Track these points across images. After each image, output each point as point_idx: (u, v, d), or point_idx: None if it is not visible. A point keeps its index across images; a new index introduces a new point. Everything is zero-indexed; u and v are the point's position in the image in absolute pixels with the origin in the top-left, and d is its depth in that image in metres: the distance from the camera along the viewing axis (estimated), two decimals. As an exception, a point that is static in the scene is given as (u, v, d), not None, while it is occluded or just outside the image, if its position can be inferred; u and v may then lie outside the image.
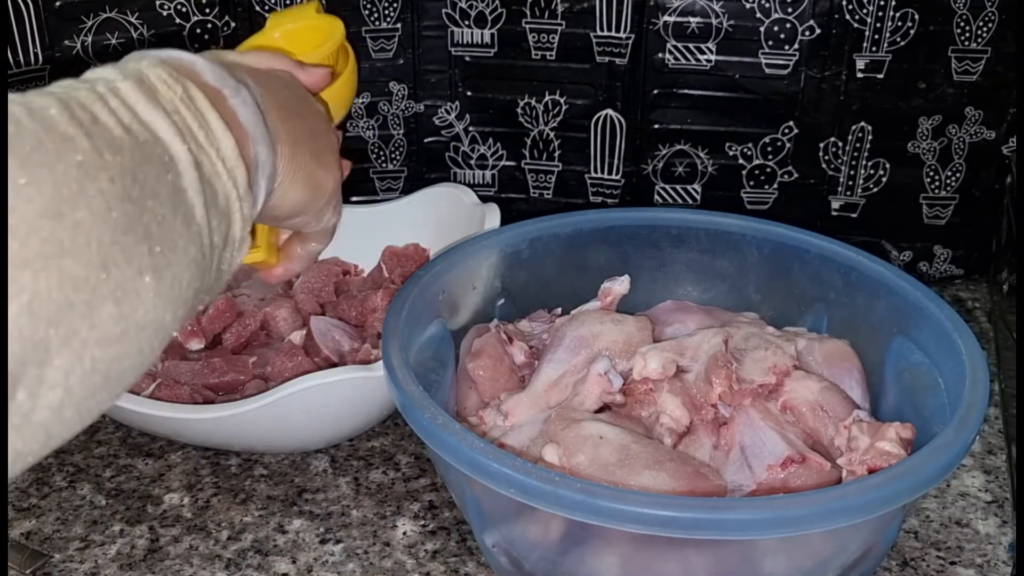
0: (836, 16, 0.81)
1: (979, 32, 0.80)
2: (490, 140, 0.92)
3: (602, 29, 0.85)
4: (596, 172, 0.91)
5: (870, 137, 0.85)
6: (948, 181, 0.87)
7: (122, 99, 0.39)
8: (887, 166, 0.86)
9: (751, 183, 0.88)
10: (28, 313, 0.32)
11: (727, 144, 0.87)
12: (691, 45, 0.84)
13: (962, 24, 0.80)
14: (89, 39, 0.80)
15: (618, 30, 0.84)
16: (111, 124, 0.38)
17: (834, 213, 0.89)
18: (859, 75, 0.83)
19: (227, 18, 0.84)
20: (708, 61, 0.84)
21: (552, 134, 0.90)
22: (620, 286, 0.70)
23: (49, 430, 0.34)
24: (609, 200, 0.91)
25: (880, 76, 0.83)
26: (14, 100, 0.34)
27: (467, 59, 0.88)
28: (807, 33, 0.82)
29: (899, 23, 0.80)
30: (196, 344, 0.75)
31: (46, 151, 0.34)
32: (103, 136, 0.37)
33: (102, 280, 0.34)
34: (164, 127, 0.40)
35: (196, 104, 0.43)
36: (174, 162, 0.40)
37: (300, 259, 0.61)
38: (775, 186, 0.88)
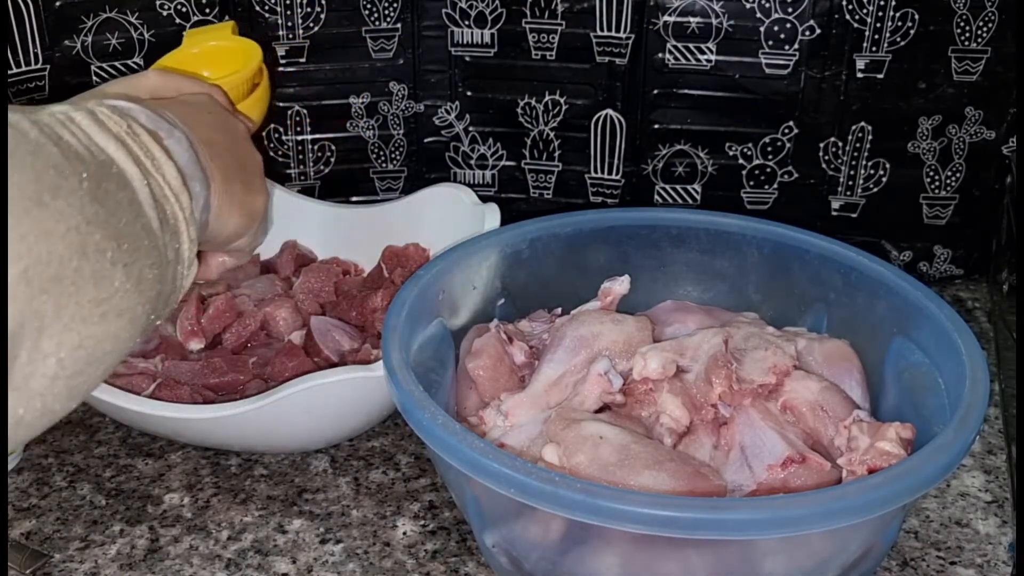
0: (836, 16, 0.81)
1: (979, 32, 0.80)
2: (490, 140, 0.92)
3: (602, 29, 0.85)
4: (596, 172, 0.91)
5: (870, 137, 0.85)
6: (948, 181, 0.87)
7: (78, 125, 0.44)
8: (887, 166, 0.86)
9: (751, 183, 0.88)
10: (25, 281, 0.36)
11: (727, 144, 0.87)
12: (691, 45, 0.84)
13: (962, 24, 0.80)
14: (89, 39, 0.80)
15: (618, 30, 0.84)
16: (73, 142, 0.42)
17: (834, 213, 0.89)
18: (859, 75, 0.83)
19: (227, 18, 0.84)
20: (708, 61, 0.84)
21: (552, 134, 0.90)
22: (620, 286, 0.70)
23: (45, 400, 0.39)
24: (609, 200, 0.91)
25: (880, 76, 0.83)
26: None
27: (467, 59, 0.88)
28: (807, 33, 0.82)
29: (899, 23, 0.81)
30: (196, 344, 0.75)
31: (24, 150, 0.38)
32: (68, 149, 0.41)
33: (83, 262, 0.39)
34: (116, 151, 0.44)
35: (140, 138, 0.47)
36: (128, 180, 0.44)
37: (213, 268, 0.67)
38: (775, 186, 0.88)
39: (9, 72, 0.77)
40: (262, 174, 0.63)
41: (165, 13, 0.82)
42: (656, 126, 0.87)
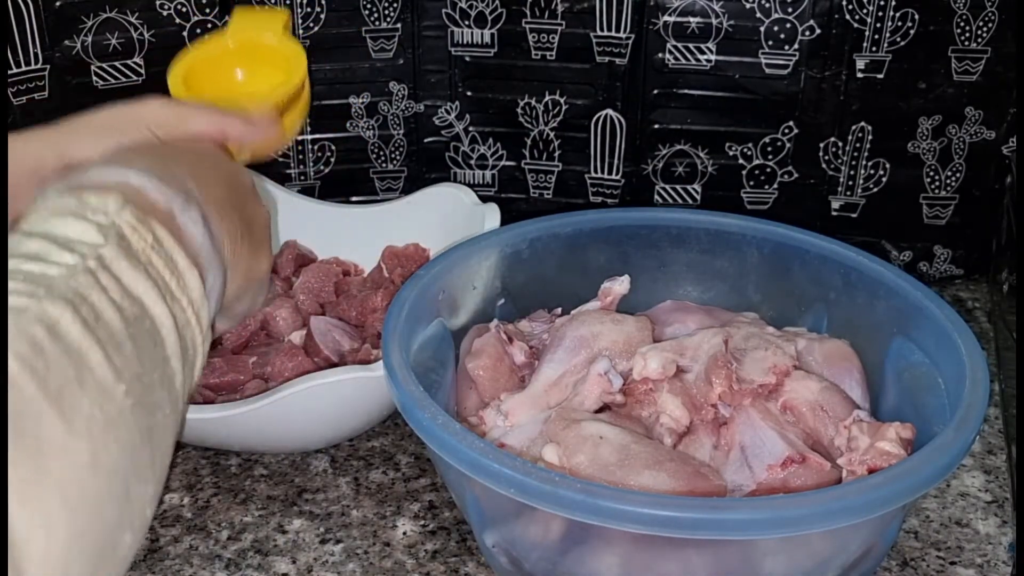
0: (836, 16, 0.81)
1: (979, 32, 0.80)
2: (490, 140, 0.92)
3: (602, 29, 0.85)
4: (596, 172, 0.91)
5: (870, 137, 0.85)
6: (948, 181, 0.87)
7: (109, 271, 0.38)
8: (887, 166, 0.86)
9: (751, 183, 0.88)
10: (64, 561, 0.32)
11: (727, 144, 0.87)
12: (691, 45, 0.84)
13: (962, 24, 0.80)
14: (89, 39, 0.80)
15: (618, 30, 0.84)
16: (109, 313, 0.37)
17: (834, 213, 0.89)
18: (859, 75, 0.83)
19: (227, 18, 0.84)
20: (708, 61, 0.84)
21: (552, 134, 0.90)
22: (620, 286, 0.70)
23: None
24: (609, 200, 0.91)
25: (880, 76, 0.83)
26: (34, 317, 0.34)
27: (467, 59, 0.88)
28: (807, 33, 0.82)
29: (899, 23, 0.80)
30: (196, 344, 0.75)
31: (74, 387, 0.34)
32: (107, 333, 0.36)
33: (125, 511, 0.35)
34: (147, 290, 0.39)
35: (164, 247, 0.42)
36: (158, 330, 0.39)
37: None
38: (775, 186, 0.88)
39: (9, 72, 0.77)
40: (268, 232, 0.55)
41: (165, 13, 0.82)
42: (656, 126, 0.87)
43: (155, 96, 0.54)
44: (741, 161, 0.87)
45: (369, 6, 0.86)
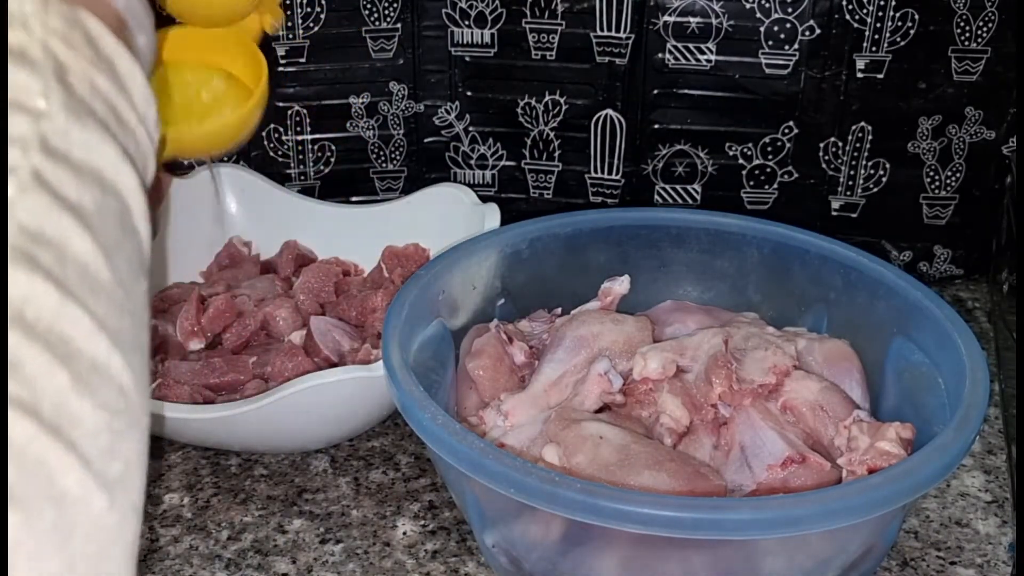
0: (836, 16, 0.81)
1: (979, 32, 0.80)
2: (490, 140, 0.92)
3: (602, 29, 0.85)
4: (596, 172, 0.91)
5: (870, 137, 0.85)
6: (948, 181, 0.87)
7: (57, 156, 0.30)
8: (887, 166, 0.86)
9: (751, 183, 0.88)
10: None
11: (727, 144, 0.87)
12: (691, 45, 0.84)
13: (962, 24, 0.80)
14: (89, 39, 0.80)
15: (618, 30, 0.84)
16: (75, 240, 0.29)
17: (834, 213, 0.89)
18: (859, 75, 0.83)
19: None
20: (708, 61, 0.84)
21: (552, 134, 0.90)
22: (620, 286, 0.70)
23: None
24: (609, 200, 0.91)
25: (880, 76, 0.83)
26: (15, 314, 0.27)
27: (467, 59, 0.88)
28: (807, 33, 0.82)
29: (899, 23, 0.80)
30: (196, 344, 0.75)
31: (70, 396, 0.28)
32: (78, 272, 0.29)
33: None
34: (102, 151, 0.32)
35: (101, 50, 0.33)
36: (125, 201, 0.33)
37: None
38: (775, 186, 0.88)
39: (9, 72, 0.77)
40: None
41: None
42: (656, 126, 0.87)
43: None
44: (741, 161, 0.87)
45: (369, 6, 0.86)
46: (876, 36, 0.81)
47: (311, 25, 0.86)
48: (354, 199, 0.93)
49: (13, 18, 0.30)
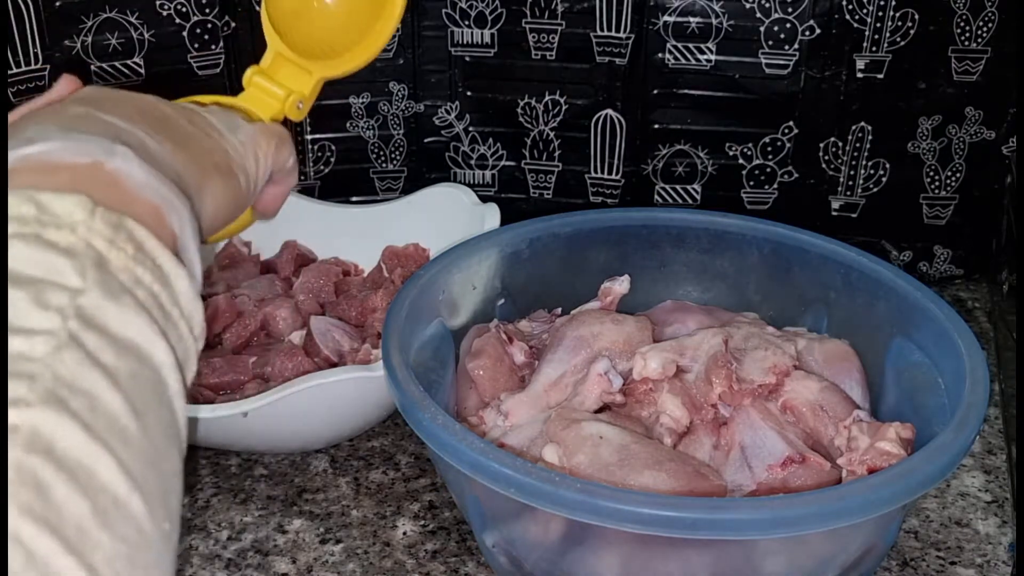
0: (836, 16, 0.81)
1: (979, 32, 0.80)
2: (490, 140, 0.92)
3: (602, 29, 0.85)
4: (596, 172, 0.91)
5: (870, 137, 0.85)
6: (948, 181, 0.87)
7: (94, 326, 0.32)
8: (887, 166, 0.86)
9: (751, 183, 0.88)
10: None
11: (727, 144, 0.87)
12: (691, 45, 0.84)
13: (962, 24, 0.80)
14: (89, 39, 0.80)
15: (618, 30, 0.84)
16: (106, 394, 0.31)
17: (834, 213, 0.89)
18: (859, 75, 0.83)
19: (227, 18, 0.84)
20: (708, 61, 0.84)
21: (552, 134, 0.90)
22: (620, 286, 0.70)
23: None
24: (609, 200, 0.91)
25: (880, 76, 0.83)
26: (27, 441, 0.28)
27: (467, 59, 0.88)
28: (807, 33, 0.82)
29: (899, 23, 0.80)
30: (196, 344, 0.75)
31: (90, 523, 0.29)
32: (107, 422, 0.31)
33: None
34: (139, 327, 0.33)
35: (146, 251, 0.35)
36: (159, 372, 0.34)
37: (274, 199, 0.54)
38: (775, 186, 0.88)
39: (9, 72, 0.77)
40: (208, 129, 0.47)
41: (165, 13, 0.82)
42: (656, 126, 0.87)
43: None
44: (741, 161, 0.87)
45: (369, 6, 0.86)
46: (876, 36, 0.81)
47: (311, 25, 0.86)
48: (354, 199, 0.93)
49: (62, 223, 0.33)
